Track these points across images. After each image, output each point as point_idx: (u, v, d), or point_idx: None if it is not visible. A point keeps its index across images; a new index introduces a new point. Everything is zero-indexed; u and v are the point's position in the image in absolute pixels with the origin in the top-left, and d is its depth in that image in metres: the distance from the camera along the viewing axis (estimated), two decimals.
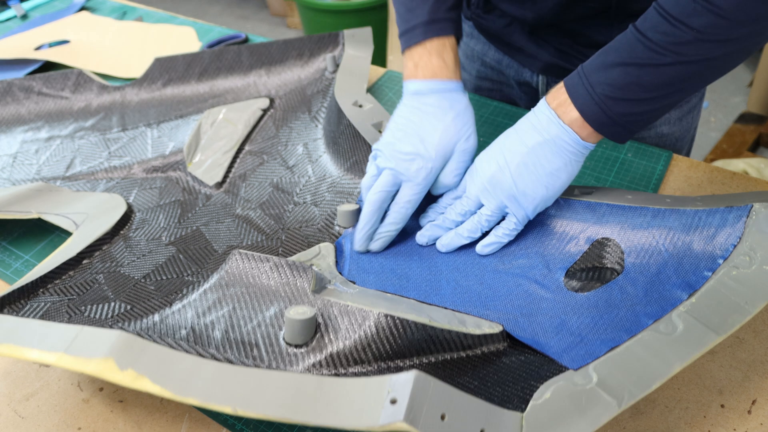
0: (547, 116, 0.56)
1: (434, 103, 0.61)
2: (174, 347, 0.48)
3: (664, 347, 0.45)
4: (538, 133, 0.56)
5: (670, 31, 0.50)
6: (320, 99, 0.81)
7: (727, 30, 0.48)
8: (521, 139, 0.57)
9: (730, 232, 0.50)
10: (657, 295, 0.50)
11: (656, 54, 0.50)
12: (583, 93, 0.54)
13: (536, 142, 0.56)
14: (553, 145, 0.55)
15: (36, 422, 0.54)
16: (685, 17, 0.49)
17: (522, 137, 0.57)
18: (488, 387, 0.46)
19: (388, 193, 0.61)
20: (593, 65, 0.54)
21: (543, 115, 0.56)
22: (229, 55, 0.87)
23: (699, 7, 0.48)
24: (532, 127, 0.57)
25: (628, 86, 0.52)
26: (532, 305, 0.54)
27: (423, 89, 0.62)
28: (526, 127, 0.57)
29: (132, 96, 0.87)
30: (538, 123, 0.56)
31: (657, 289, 0.50)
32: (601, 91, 0.53)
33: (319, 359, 0.47)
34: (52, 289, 0.58)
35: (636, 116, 0.54)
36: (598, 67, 0.53)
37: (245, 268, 0.53)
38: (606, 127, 0.54)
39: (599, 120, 0.53)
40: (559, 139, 0.55)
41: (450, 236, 0.60)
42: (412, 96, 0.63)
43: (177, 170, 0.77)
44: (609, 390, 0.43)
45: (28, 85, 0.88)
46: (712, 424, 0.50)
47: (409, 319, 0.48)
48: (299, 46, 0.87)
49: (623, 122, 0.54)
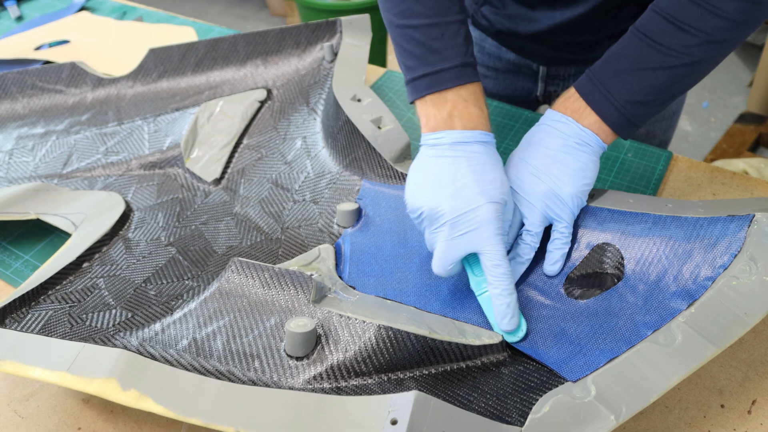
0: (564, 123, 0.57)
1: (483, 151, 0.55)
2: (177, 361, 0.48)
3: (663, 359, 0.45)
4: (559, 138, 0.57)
5: (680, 34, 0.53)
6: (318, 90, 0.80)
7: (730, 31, 0.53)
8: (543, 145, 0.57)
9: (730, 242, 0.50)
10: (656, 304, 0.50)
11: (668, 57, 0.54)
12: (602, 99, 0.56)
13: (560, 144, 0.57)
14: (577, 144, 0.57)
15: (36, 422, 0.54)
16: (693, 21, 0.52)
17: (544, 144, 0.57)
18: (487, 400, 0.47)
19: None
20: (606, 72, 0.56)
21: (559, 122, 0.57)
22: (225, 44, 0.85)
23: (705, 12, 0.51)
24: (550, 134, 0.57)
25: (644, 89, 0.55)
26: (532, 312, 0.54)
27: (467, 138, 0.55)
28: (544, 136, 0.58)
29: (127, 89, 0.86)
30: (557, 129, 0.57)
31: (656, 297, 0.50)
32: (619, 96, 0.55)
33: (320, 371, 0.48)
34: (53, 296, 0.58)
35: (649, 115, 0.57)
36: (612, 74, 0.56)
37: (244, 278, 0.53)
38: (624, 129, 0.57)
39: (619, 123, 0.56)
40: (581, 139, 0.57)
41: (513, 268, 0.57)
42: (451, 146, 0.55)
43: (175, 166, 0.77)
44: (607, 403, 0.44)
45: (21, 78, 0.86)
46: (712, 424, 0.51)
47: (410, 331, 0.48)
48: (296, 34, 0.85)
49: (638, 122, 0.57)
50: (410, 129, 0.82)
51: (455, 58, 0.56)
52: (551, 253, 0.57)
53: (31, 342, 0.48)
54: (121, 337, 0.52)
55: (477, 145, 0.55)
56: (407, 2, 0.56)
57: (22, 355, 0.47)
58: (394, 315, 0.51)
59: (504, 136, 0.80)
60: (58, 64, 0.88)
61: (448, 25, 0.56)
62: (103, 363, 0.44)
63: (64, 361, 0.45)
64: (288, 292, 0.52)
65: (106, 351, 0.45)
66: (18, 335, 0.49)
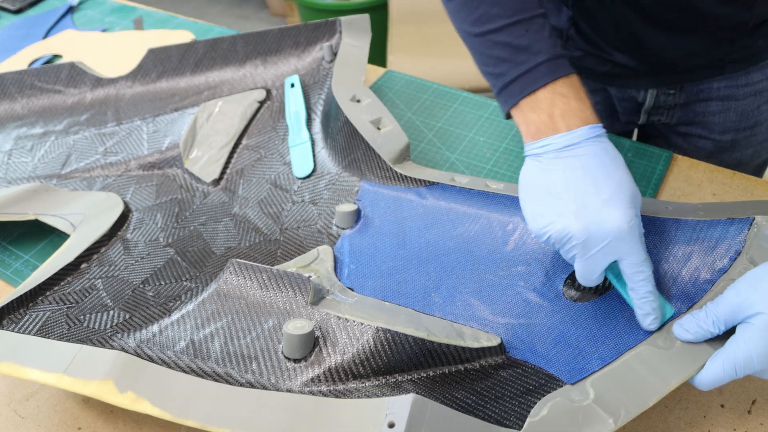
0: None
1: (597, 150, 0.49)
2: (174, 363, 0.48)
3: (662, 363, 0.45)
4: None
5: None
6: (318, 90, 0.80)
7: None
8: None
9: (730, 245, 0.49)
10: None
11: None
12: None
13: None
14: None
15: (36, 422, 0.54)
16: None
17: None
18: (485, 403, 0.47)
19: None
20: None
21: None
22: (224, 44, 0.85)
23: None
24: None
25: None
26: (531, 314, 0.54)
27: (576, 139, 0.49)
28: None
29: (126, 89, 0.86)
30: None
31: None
32: None
33: (318, 374, 0.48)
34: (51, 297, 0.58)
35: None
36: None
37: (242, 279, 0.53)
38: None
39: None
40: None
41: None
42: (559, 153, 0.50)
43: (174, 167, 0.77)
44: (606, 407, 0.44)
45: (20, 78, 0.86)
46: (712, 424, 0.51)
47: (408, 333, 0.48)
48: (295, 34, 0.85)
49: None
50: (410, 130, 0.82)
51: (546, 51, 0.51)
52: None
53: (29, 343, 0.48)
54: (119, 338, 0.52)
55: (588, 144, 0.49)
56: (483, 7, 0.53)
57: (20, 357, 0.46)
58: (393, 317, 0.51)
59: (504, 136, 0.80)
60: (57, 64, 0.88)
61: (531, 21, 0.52)
62: (100, 365, 0.44)
63: (61, 362, 0.45)
64: (286, 294, 0.52)
65: (103, 353, 0.45)
66: (15, 336, 0.49)
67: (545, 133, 0.50)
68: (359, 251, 0.62)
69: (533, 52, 0.52)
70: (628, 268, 0.48)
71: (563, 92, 0.51)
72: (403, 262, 0.60)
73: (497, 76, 0.54)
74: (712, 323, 0.45)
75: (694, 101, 0.78)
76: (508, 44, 0.52)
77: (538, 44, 0.52)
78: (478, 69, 0.58)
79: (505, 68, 0.53)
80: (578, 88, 0.51)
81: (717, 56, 0.73)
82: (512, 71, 0.52)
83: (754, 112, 0.77)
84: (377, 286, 0.58)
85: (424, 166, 0.71)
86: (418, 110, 0.85)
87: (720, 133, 0.79)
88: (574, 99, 0.51)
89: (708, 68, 0.75)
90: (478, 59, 0.57)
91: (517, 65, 0.52)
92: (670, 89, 0.78)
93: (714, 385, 0.45)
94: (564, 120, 0.50)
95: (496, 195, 0.60)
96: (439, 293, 0.57)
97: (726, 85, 0.75)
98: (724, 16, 0.68)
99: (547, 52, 0.51)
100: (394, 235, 0.62)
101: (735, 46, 0.72)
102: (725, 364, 0.44)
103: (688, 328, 0.46)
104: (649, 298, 0.48)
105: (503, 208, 0.60)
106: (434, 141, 0.80)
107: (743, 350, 0.43)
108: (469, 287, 0.57)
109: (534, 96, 0.51)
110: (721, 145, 0.80)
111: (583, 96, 0.51)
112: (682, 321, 0.47)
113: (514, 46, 0.52)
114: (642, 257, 0.47)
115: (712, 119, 0.78)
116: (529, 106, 0.52)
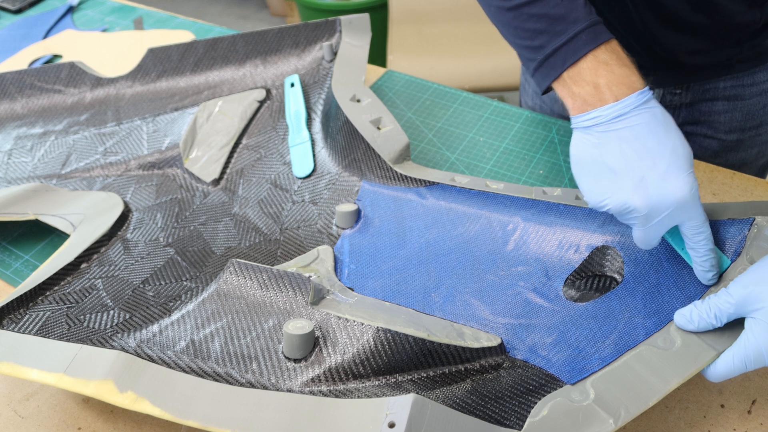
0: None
1: (648, 117, 0.48)
2: (174, 363, 0.48)
3: (662, 363, 0.45)
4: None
5: None
6: (317, 90, 0.80)
7: None
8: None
9: (730, 245, 0.49)
10: (656, 307, 0.50)
11: None
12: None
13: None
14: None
15: (36, 422, 0.54)
16: None
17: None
18: (486, 403, 0.47)
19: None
20: None
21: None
22: (224, 44, 0.85)
23: None
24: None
25: None
26: (531, 314, 0.54)
27: (625, 108, 0.48)
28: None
29: (126, 89, 0.86)
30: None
31: (656, 300, 0.50)
32: None
33: (318, 374, 0.48)
34: (51, 297, 0.58)
35: None
36: None
37: (242, 279, 0.53)
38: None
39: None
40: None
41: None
42: (609, 125, 0.49)
43: (174, 167, 0.77)
44: (606, 407, 0.44)
45: (20, 78, 0.86)
46: (712, 424, 0.51)
47: (408, 333, 0.48)
48: (295, 34, 0.85)
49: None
50: (410, 130, 0.82)
51: (584, 19, 0.50)
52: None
53: (29, 343, 0.48)
54: (119, 338, 0.52)
55: (638, 112, 0.48)
56: None
57: (20, 357, 0.46)
58: (393, 317, 0.51)
59: (504, 136, 0.80)
60: (57, 64, 0.88)
61: None
62: (101, 364, 0.44)
63: (61, 362, 0.45)
64: (286, 294, 0.52)
65: (103, 352, 0.45)
66: (15, 336, 0.49)
67: (592, 104, 0.49)
68: (359, 251, 0.62)
69: (571, 21, 0.50)
70: (689, 230, 0.48)
71: (605, 59, 0.50)
72: (403, 262, 0.60)
73: (535, 49, 0.52)
74: (714, 315, 0.46)
75: (700, 101, 0.78)
76: (544, 15, 0.51)
77: (574, 12, 0.51)
78: (510, 44, 0.57)
79: (543, 40, 0.52)
80: (620, 53, 0.50)
81: (725, 56, 0.73)
82: (552, 42, 0.51)
83: (759, 112, 0.78)
84: (377, 286, 0.58)
85: (424, 166, 0.71)
86: (418, 110, 0.85)
87: (726, 133, 0.80)
88: (617, 65, 0.50)
89: (716, 68, 0.75)
90: (512, 34, 0.56)
91: (555, 35, 0.51)
92: (677, 89, 0.78)
93: (725, 377, 0.46)
94: (610, 89, 0.49)
95: (497, 195, 0.60)
96: (440, 293, 0.57)
97: (732, 85, 0.76)
98: (736, 12, 0.68)
99: (585, 19, 0.50)
100: (394, 235, 0.63)
101: (743, 45, 0.72)
102: (735, 358, 0.45)
103: (690, 319, 0.47)
104: (710, 256, 0.49)
105: (503, 208, 0.60)
106: (434, 141, 0.80)
107: (753, 344, 0.44)
108: (470, 287, 0.57)
109: (576, 66, 0.50)
110: (726, 145, 0.81)
111: (626, 60, 0.50)
112: (684, 311, 0.48)
113: (551, 16, 0.51)
114: (702, 219, 0.48)
115: (717, 119, 0.79)
116: (572, 78, 0.51)
